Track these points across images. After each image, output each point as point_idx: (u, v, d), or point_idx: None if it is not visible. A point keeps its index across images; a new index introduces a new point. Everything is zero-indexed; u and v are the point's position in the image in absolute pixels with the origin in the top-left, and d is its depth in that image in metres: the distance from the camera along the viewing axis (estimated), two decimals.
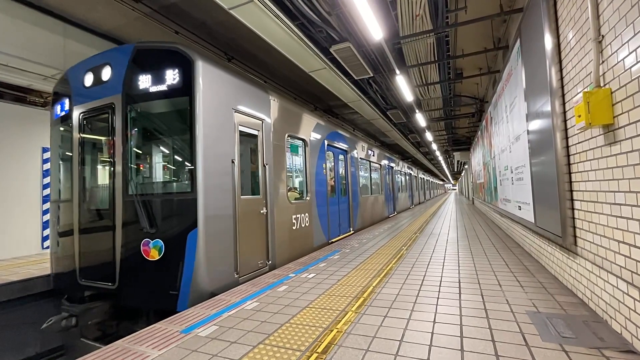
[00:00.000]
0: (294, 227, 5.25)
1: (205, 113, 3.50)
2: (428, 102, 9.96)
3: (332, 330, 2.37)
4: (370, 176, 10.72)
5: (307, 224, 5.68)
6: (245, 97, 4.24)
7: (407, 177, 18.06)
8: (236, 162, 3.90)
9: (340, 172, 7.91)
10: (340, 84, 7.41)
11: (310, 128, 6.10)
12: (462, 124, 13.98)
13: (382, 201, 11.79)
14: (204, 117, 3.49)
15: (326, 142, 6.87)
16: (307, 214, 5.69)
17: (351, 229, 8.16)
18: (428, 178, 33.39)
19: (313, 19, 4.83)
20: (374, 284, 3.48)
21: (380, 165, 11.90)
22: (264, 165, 4.53)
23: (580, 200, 2.62)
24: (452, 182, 70.50)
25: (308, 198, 5.80)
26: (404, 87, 7.10)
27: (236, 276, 3.75)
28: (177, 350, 2.21)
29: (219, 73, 3.78)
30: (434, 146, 17.68)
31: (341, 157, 8.03)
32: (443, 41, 6.22)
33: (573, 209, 2.79)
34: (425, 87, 8.16)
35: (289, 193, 5.33)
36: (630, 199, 1.89)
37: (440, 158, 24.97)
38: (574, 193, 2.75)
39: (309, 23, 5.17)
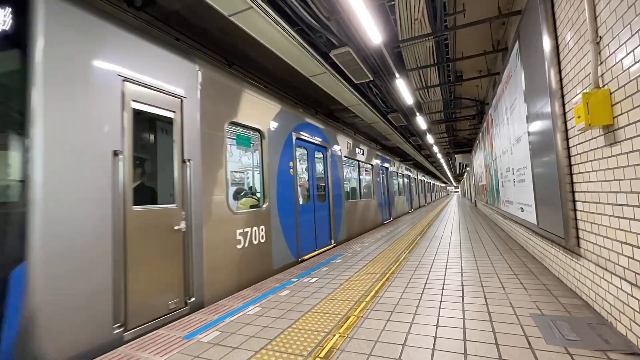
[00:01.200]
0: (240, 246, 4.00)
1: (52, 75, 2.29)
2: (428, 105, 9.99)
3: (334, 335, 2.36)
4: (359, 178, 9.76)
5: (262, 240, 4.45)
6: (148, 61, 3.03)
7: (406, 179, 17.86)
8: (125, 154, 2.69)
9: (317, 173, 6.68)
10: (341, 88, 7.44)
11: (269, 116, 4.88)
12: (463, 126, 13.99)
13: (374, 206, 10.64)
14: (51, 81, 2.28)
15: (294, 135, 5.58)
16: (262, 227, 4.47)
17: (332, 242, 6.89)
18: (429, 180, 33.06)
19: (312, 25, 4.87)
20: (376, 288, 3.47)
21: (371, 165, 10.73)
22: (185, 162, 3.27)
23: (582, 202, 2.61)
24: (454, 184, 70.31)
25: (265, 206, 4.60)
26: (404, 90, 7.12)
27: (118, 331, 2.51)
28: (180, 356, 2.20)
29: (88, 19, 2.57)
30: (435, 149, 17.67)
31: (318, 154, 6.79)
32: (442, 44, 6.25)
33: (575, 210, 2.78)
34: (426, 90, 8.18)
35: (243, 199, 4.65)
36: (631, 199, 1.88)
37: (442, 160, 24.94)
38: (576, 194, 2.74)
39: (309, 28, 5.21)
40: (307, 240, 5.78)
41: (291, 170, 5.42)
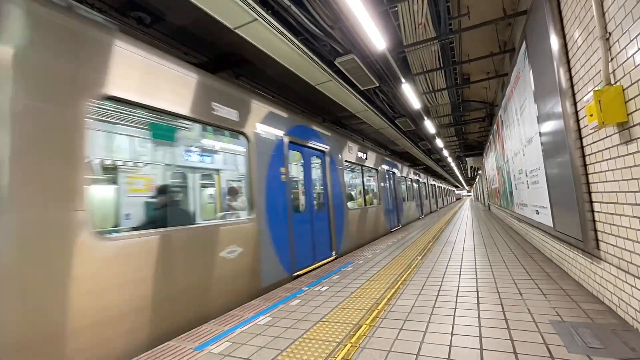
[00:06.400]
0: None
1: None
2: (436, 109, 9.91)
3: (346, 345, 2.32)
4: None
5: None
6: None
7: (415, 184, 17.53)
8: None
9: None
10: (347, 95, 7.46)
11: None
12: (473, 129, 13.80)
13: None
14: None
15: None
16: None
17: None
18: (440, 184, 32.30)
19: (316, 34, 4.93)
20: (388, 296, 3.40)
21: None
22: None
23: (600, 202, 2.52)
24: (467, 188, 69.15)
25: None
26: (410, 95, 7.10)
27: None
28: None
29: None
30: (445, 152, 17.46)
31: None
32: (448, 47, 6.22)
33: (593, 211, 2.68)
34: (433, 94, 8.13)
35: None
36: None
37: (453, 164, 24.59)
38: (592, 195, 2.64)
39: (313, 37, 5.27)
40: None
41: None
